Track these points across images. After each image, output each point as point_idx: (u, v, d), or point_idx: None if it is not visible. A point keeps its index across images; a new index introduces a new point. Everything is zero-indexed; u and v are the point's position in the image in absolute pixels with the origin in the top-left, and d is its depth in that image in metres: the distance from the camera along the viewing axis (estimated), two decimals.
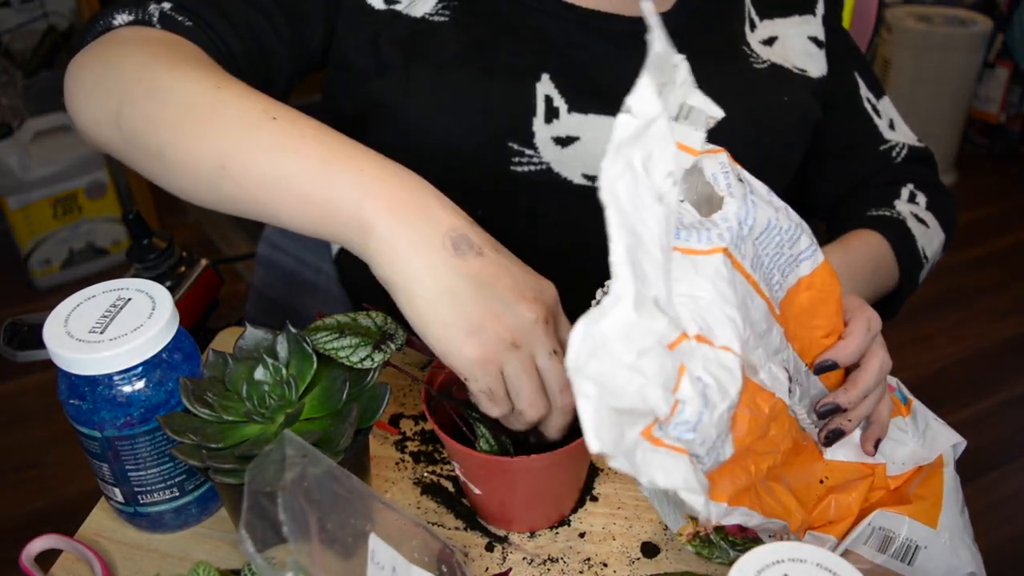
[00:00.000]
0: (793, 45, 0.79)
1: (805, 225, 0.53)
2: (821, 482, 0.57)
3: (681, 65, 0.48)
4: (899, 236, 0.78)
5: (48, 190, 2.14)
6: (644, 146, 0.42)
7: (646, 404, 0.41)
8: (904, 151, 0.86)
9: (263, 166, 0.53)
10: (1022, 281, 2.29)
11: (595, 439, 0.37)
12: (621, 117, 0.42)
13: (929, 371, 1.98)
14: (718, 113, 0.49)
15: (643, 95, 0.42)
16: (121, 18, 0.63)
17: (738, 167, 0.52)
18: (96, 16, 0.65)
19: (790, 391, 0.52)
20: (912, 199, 0.83)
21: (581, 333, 0.39)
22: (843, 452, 0.58)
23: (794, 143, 0.78)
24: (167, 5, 0.64)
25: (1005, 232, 2.47)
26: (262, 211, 0.55)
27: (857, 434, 0.57)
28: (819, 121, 0.80)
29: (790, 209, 0.53)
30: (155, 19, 0.63)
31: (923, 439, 0.60)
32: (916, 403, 0.62)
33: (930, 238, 0.80)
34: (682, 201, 0.49)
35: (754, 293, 0.50)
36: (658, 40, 0.43)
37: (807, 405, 0.56)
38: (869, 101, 0.85)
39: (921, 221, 0.80)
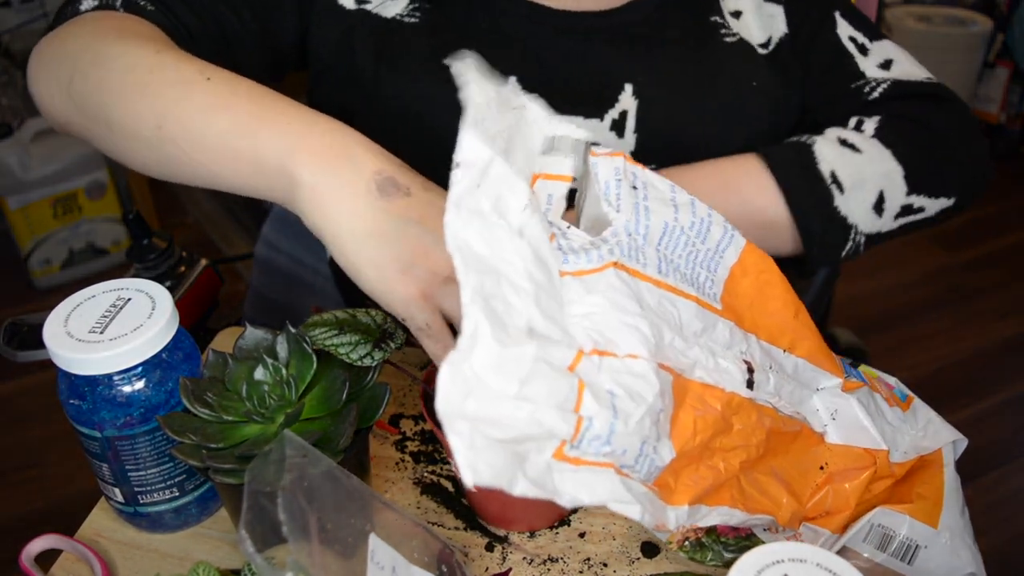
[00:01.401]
0: (751, 21, 0.76)
1: (716, 214, 0.54)
2: (821, 468, 0.57)
3: (529, 104, 0.49)
4: (786, 154, 0.68)
5: (48, 190, 2.14)
6: (489, 191, 0.43)
7: (542, 428, 0.41)
8: (884, 86, 0.75)
9: (197, 125, 0.54)
10: (1022, 281, 2.28)
11: (470, 472, 0.38)
12: (454, 174, 0.43)
13: (928, 371, 1.98)
14: (584, 135, 0.50)
15: (468, 146, 0.43)
16: (87, 3, 0.65)
17: (636, 169, 0.52)
18: (65, 3, 0.66)
19: (751, 383, 0.52)
20: (858, 126, 0.72)
21: (448, 376, 0.39)
22: (846, 436, 0.58)
23: (767, 131, 0.76)
24: None
25: (1005, 232, 2.47)
26: (202, 173, 0.55)
27: (863, 417, 0.57)
28: (791, 103, 0.77)
29: (697, 202, 0.53)
30: (118, 3, 0.64)
31: (924, 433, 0.60)
32: (916, 400, 0.62)
33: (858, 164, 0.68)
34: (569, 227, 0.50)
35: (673, 296, 0.50)
36: (481, 91, 0.45)
37: (792, 391, 0.56)
38: (854, 40, 0.77)
39: (849, 145, 0.69)
